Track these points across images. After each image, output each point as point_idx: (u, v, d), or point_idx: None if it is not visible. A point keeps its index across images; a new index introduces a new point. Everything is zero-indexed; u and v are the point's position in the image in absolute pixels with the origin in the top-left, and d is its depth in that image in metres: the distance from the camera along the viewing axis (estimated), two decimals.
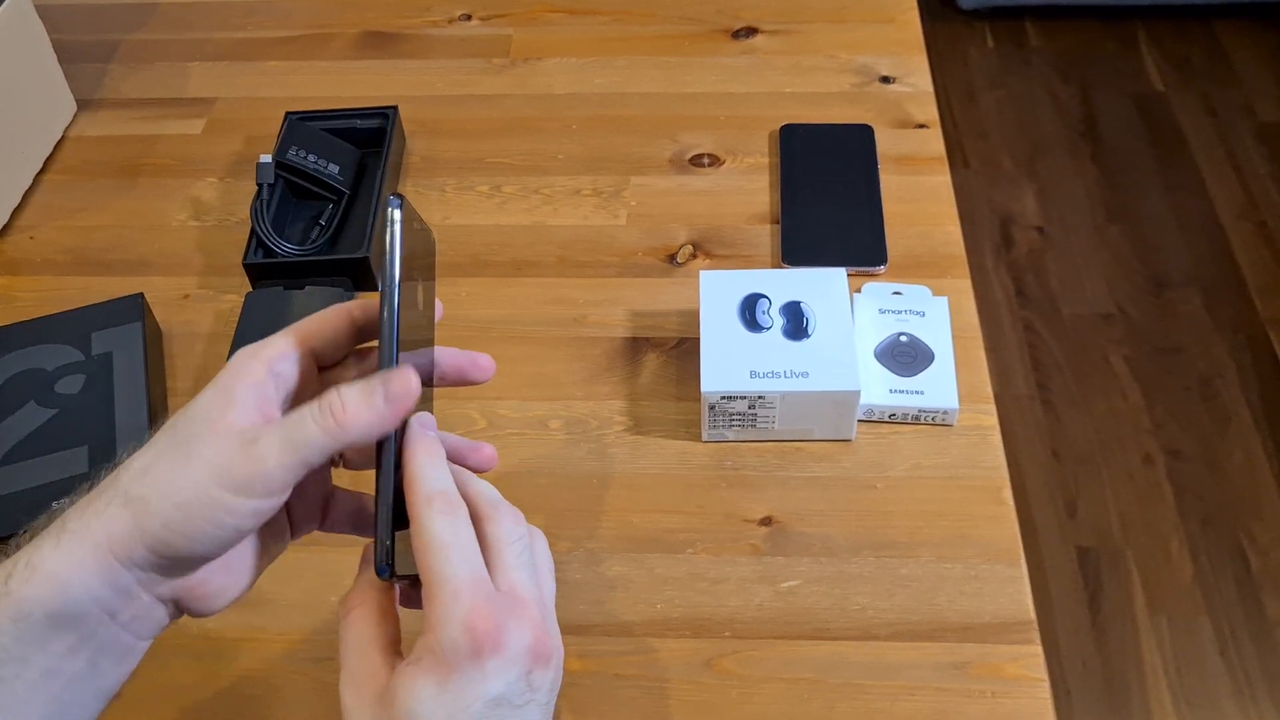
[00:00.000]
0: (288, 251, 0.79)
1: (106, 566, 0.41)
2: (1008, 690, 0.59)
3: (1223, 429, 1.70)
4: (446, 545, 0.41)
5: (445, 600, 0.40)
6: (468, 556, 0.42)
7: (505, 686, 0.40)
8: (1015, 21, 2.41)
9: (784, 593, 0.63)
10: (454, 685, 0.40)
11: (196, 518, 0.41)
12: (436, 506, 0.42)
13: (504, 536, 0.43)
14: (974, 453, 0.69)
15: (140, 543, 0.41)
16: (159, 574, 0.42)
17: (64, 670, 0.42)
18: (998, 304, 1.88)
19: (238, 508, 0.41)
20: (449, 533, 0.42)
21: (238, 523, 0.41)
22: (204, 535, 0.41)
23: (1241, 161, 2.09)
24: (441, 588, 0.41)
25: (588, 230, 0.84)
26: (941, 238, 0.81)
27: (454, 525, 0.42)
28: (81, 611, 0.41)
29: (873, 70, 0.95)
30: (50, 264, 0.84)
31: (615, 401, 0.73)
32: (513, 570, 0.43)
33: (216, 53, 1.01)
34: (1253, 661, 1.45)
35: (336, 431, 0.42)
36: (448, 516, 0.42)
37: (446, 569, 0.41)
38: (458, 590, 0.40)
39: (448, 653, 0.40)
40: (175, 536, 0.41)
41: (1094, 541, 1.59)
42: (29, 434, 0.68)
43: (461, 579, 0.41)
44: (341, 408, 0.42)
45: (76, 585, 0.41)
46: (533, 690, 0.41)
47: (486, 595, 0.41)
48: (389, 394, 0.42)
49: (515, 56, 0.99)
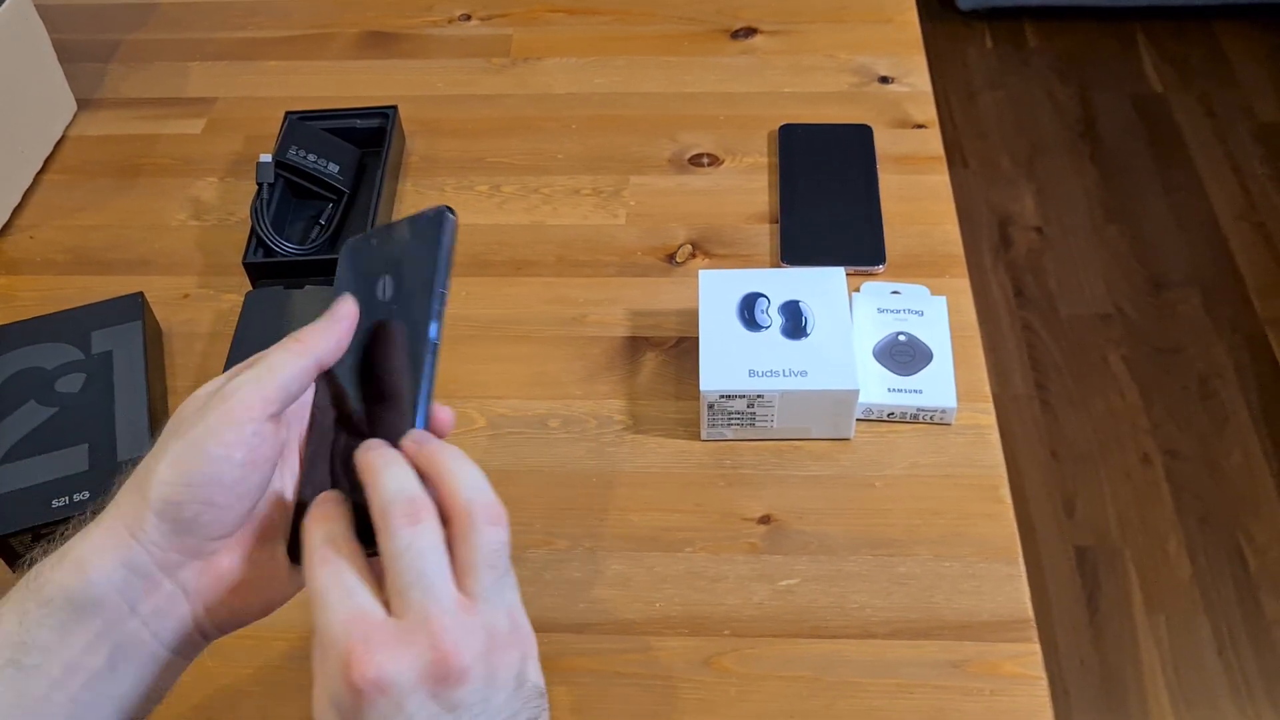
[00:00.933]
0: (288, 251, 0.79)
1: (121, 545, 0.42)
2: (1005, 688, 0.59)
3: (1221, 429, 1.71)
4: (322, 592, 0.40)
5: (324, 653, 0.39)
6: (342, 596, 0.40)
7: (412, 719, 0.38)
8: (1014, 22, 2.41)
9: (782, 591, 0.64)
10: None
11: (190, 457, 0.42)
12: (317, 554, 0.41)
13: (390, 551, 0.40)
14: (972, 451, 0.69)
15: (148, 509, 0.42)
16: (175, 549, 0.43)
17: (84, 666, 0.42)
18: (996, 304, 1.89)
19: (224, 433, 0.42)
20: (324, 578, 0.40)
21: (227, 451, 0.42)
22: (199, 474, 0.42)
23: (1240, 162, 2.09)
24: (319, 642, 0.40)
25: (587, 230, 0.84)
26: (940, 237, 0.82)
27: (333, 567, 0.41)
28: (100, 597, 0.42)
29: (872, 70, 0.95)
30: (50, 263, 0.84)
31: (614, 400, 0.73)
32: (403, 590, 0.40)
33: (216, 52, 1.01)
34: (1250, 661, 1.46)
35: (303, 351, 0.45)
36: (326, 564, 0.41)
37: (320, 618, 0.40)
38: (332, 640, 0.39)
39: (343, 708, 0.38)
40: (174, 488, 0.42)
41: (1092, 541, 1.59)
42: (29, 432, 0.68)
43: (335, 625, 0.39)
44: (306, 332, 0.46)
45: (95, 567, 0.42)
46: (453, 710, 0.39)
47: (364, 630, 0.39)
48: (335, 314, 0.47)
49: (515, 56, 0.99)
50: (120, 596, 0.42)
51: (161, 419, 0.72)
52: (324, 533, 0.42)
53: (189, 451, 0.42)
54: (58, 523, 0.63)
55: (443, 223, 0.46)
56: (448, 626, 0.39)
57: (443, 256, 0.46)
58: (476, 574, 0.40)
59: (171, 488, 0.42)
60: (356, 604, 0.40)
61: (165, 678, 0.45)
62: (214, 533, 0.43)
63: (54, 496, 0.64)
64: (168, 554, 0.43)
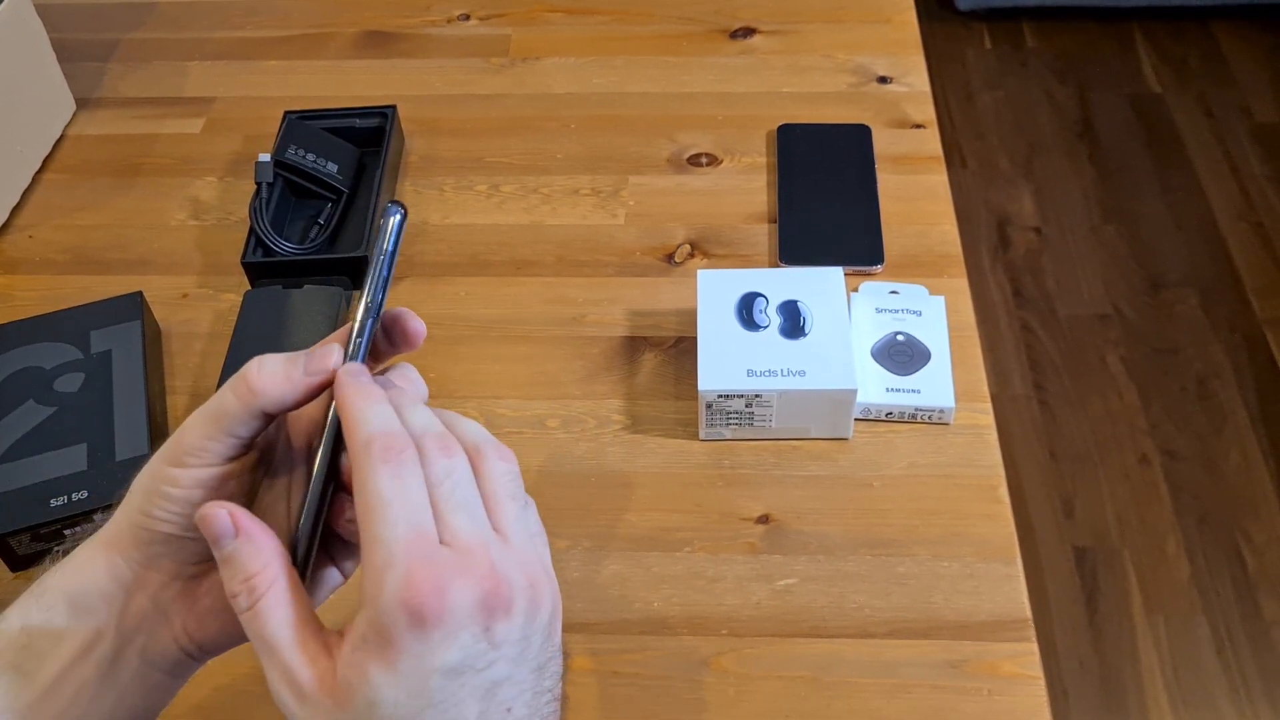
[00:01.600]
0: (287, 250, 0.79)
1: (108, 558, 0.43)
2: (1004, 688, 0.59)
3: (1219, 429, 1.71)
4: (386, 503, 0.37)
5: (379, 569, 0.37)
6: (408, 509, 0.38)
7: (460, 653, 0.37)
8: (1012, 22, 2.42)
9: (781, 591, 0.64)
10: (403, 665, 0.36)
11: (151, 493, 0.42)
12: (375, 453, 0.38)
13: (431, 477, 0.39)
14: (970, 451, 0.69)
15: (127, 530, 0.43)
16: (153, 568, 0.43)
17: (76, 676, 0.42)
18: (995, 304, 1.89)
19: (177, 478, 0.41)
20: (389, 486, 0.38)
21: (184, 493, 0.41)
22: (159, 509, 0.42)
23: (1238, 162, 2.09)
24: (376, 554, 0.37)
25: (586, 230, 0.84)
26: (938, 237, 0.82)
27: (396, 474, 0.38)
28: (92, 604, 0.43)
29: (870, 70, 0.95)
30: (49, 263, 0.84)
31: (613, 400, 0.73)
32: (448, 516, 0.38)
33: (215, 52, 1.01)
34: (1249, 661, 1.46)
35: (249, 397, 0.41)
36: (388, 463, 0.38)
37: (383, 531, 0.37)
38: (391, 556, 0.37)
39: (389, 628, 0.36)
40: (141, 516, 0.42)
41: (1091, 541, 1.59)
42: (28, 432, 0.68)
43: (397, 541, 0.37)
44: (257, 374, 0.41)
45: (87, 574, 0.43)
46: (496, 648, 0.38)
47: (424, 557, 0.37)
48: (308, 365, 0.41)
49: (514, 56, 0.99)
50: (109, 608, 0.43)
51: (160, 419, 0.72)
52: (378, 415, 0.40)
53: (151, 488, 0.42)
54: (56, 522, 0.64)
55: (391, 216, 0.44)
56: (495, 558, 0.38)
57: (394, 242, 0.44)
58: (502, 506, 0.40)
59: (140, 516, 0.42)
60: (420, 522, 0.38)
61: (154, 697, 0.44)
62: (189, 559, 0.43)
63: (52, 496, 0.64)
64: (148, 573, 0.43)
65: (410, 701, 0.37)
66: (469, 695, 0.37)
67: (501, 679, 0.38)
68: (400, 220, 0.43)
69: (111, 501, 0.64)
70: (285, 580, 0.39)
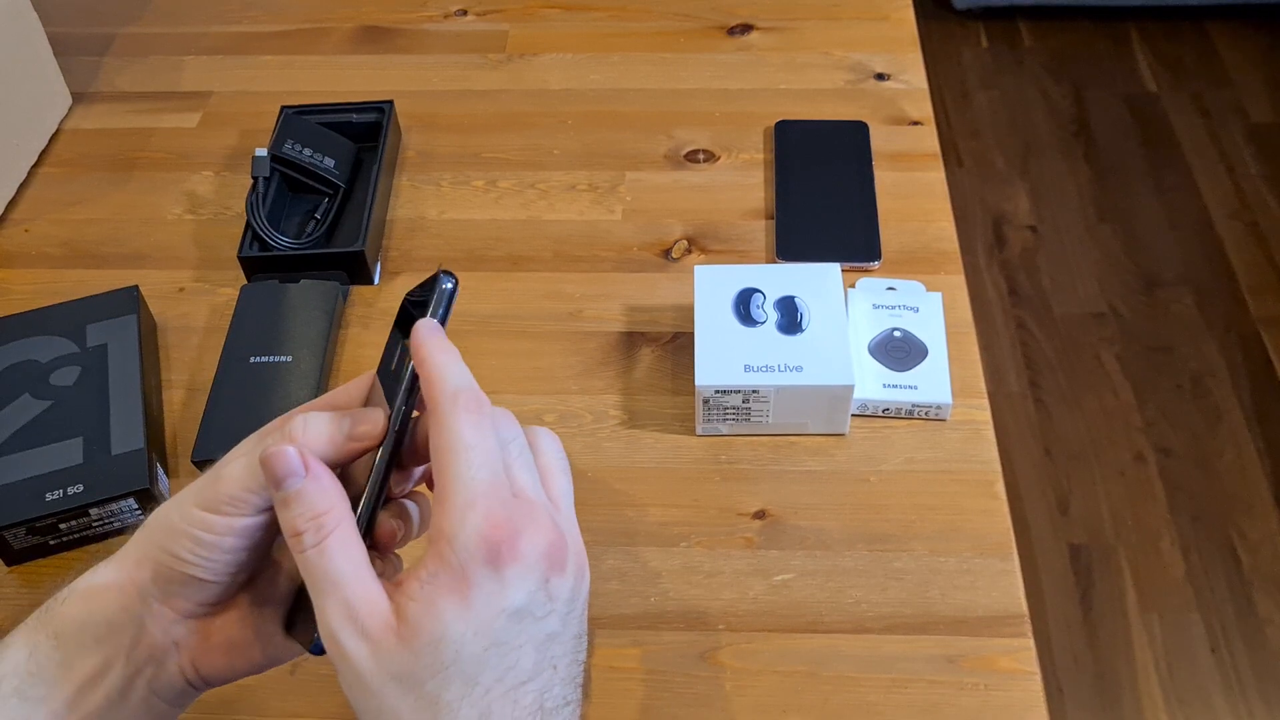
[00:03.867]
0: (283, 245, 0.79)
1: (122, 590, 0.43)
2: (1000, 683, 0.59)
3: (1214, 427, 1.71)
4: (470, 447, 0.39)
5: (460, 507, 0.38)
6: (489, 460, 0.39)
7: (526, 597, 0.38)
8: (1008, 21, 2.42)
9: (778, 586, 0.64)
10: (476, 600, 0.37)
11: (180, 535, 0.42)
12: (462, 403, 0.40)
13: (502, 435, 0.41)
14: (967, 447, 0.69)
15: (147, 564, 0.43)
16: (167, 604, 0.43)
17: (83, 705, 0.42)
18: (990, 303, 1.89)
19: (211, 524, 0.42)
20: (473, 433, 0.39)
21: (216, 539, 0.42)
22: (187, 552, 0.42)
23: (1233, 162, 2.10)
24: (457, 493, 0.38)
25: (583, 225, 0.84)
26: (935, 234, 0.82)
27: (479, 425, 0.40)
28: (102, 635, 0.42)
29: (867, 67, 0.95)
30: (45, 257, 0.84)
31: (610, 395, 0.73)
32: (517, 472, 0.40)
33: (212, 46, 1.01)
34: (1243, 658, 1.46)
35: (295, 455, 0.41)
36: (473, 415, 0.40)
37: (466, 472, 0.38)
38: (473, 496, 0.38)
39: (465, 564, 0.37)
40: (165, 555, 0.42)
41: (1086, 539, 1.59)
42: (23, 426, 0.68)
43: (479, 483, 0.38)
44: (303, 434, 0.41)
45: (99, 604, 0.43)
46: (552, 600, 0.39)
47: (501, 501, 0.39)
48: (353, 431, 0.42)
49: (511, 52, 0.99)
50: (118, 639, 0.43)
51: (156, 413, 0.72)
52: (461, 373, 0.41)
53: (180, 529, 0.42)
54: (51, 516, 0.64)
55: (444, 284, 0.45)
56: (555, 517, 0.40)
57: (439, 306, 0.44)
58: (555, 480, 0.43)
59: (164, 554, 0.42)
60: (498, 471, 0.39)
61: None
62: (205, 600, 0.43)
63: (48, 490, 0.64)
64: (163, 608, 0.43)
65: (476, 639, 0.38)
66: (528, 641, 0.39)
67: (554, 633, 0.40)
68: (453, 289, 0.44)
69: (106, 496, 0.64)
70: (350, 523, 0.40)
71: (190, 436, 0.70)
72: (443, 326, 0.43)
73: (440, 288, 0.44)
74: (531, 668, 0.39)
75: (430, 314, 0.43)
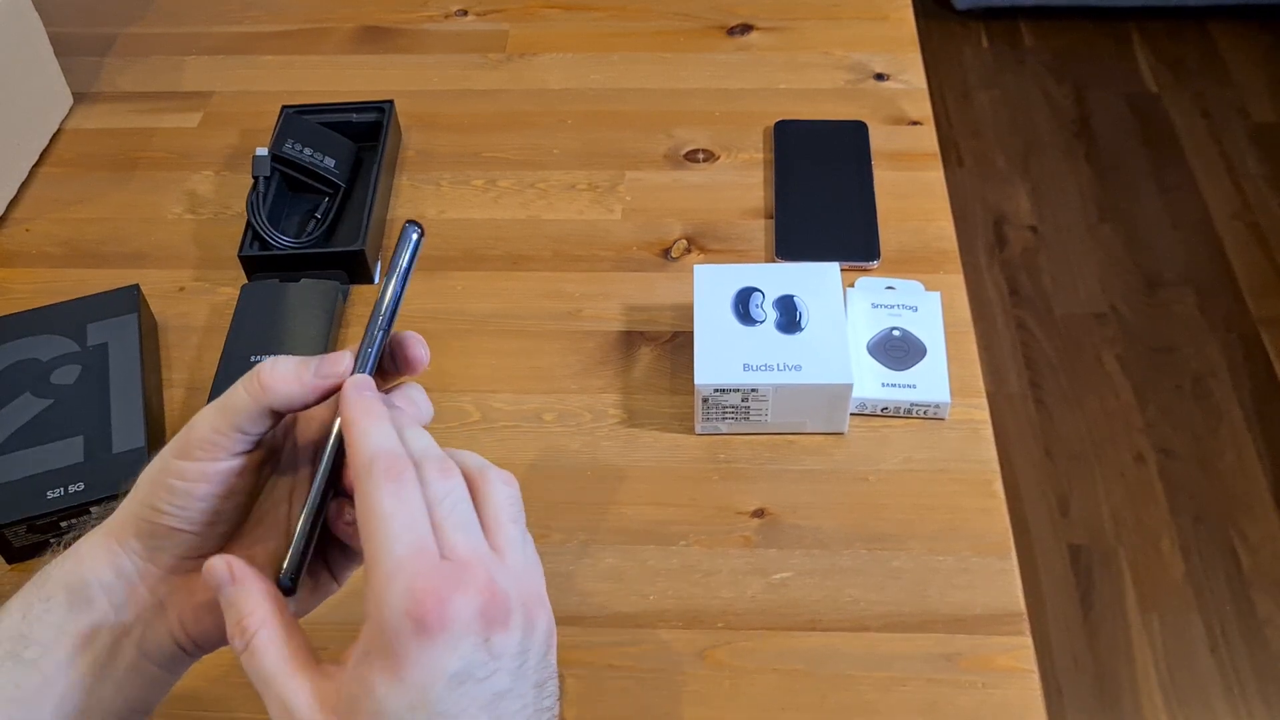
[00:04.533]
0: (283, 245, 0.79)
1: (110, 549, 0.44)
2: (998, 682, 0.59)
3: (1214, 428, 1.71)
4: (387, 516, 0.38)
5: (382, 580, 0.37)
6: (410, 526, 0.39)
7: (462, 661, 0.37)
8: (1009, 21, 2.42)
9: (776, 585, 0.64)
10: (409, 673, 0.37)
11: (157, 486, 0.43)
12: (379, 469, 0.39)
13: (430, 497, 0.40)
14: (965, 446, 0.69)
15: (130, 522, 0.44)
16: (152, 561, 0.44)
17: (75, 666, 0.43)
18: (991, 303, 1.89)
19: (183, 470, 0.43)
20: (391, 502, 0.39)
21: (188, 486, 0.43)
22: (164, 502, 0.43)
23: (1234, 162, 2.10)
24: (378, 566, 0.38)
25: (583, 224, 0.84)
26: (934, 233, 0.82)
27: (397, 493, 0.39)
28: (92, 595, 0.43)
29: (867, 67, 0.95)
30: (46, 256, 0.84)
31: (609, 395, 0.73)
32: (447, 533, 0.39)
33: (213, 46, 1.01)
34: (1243, 659, 1.46)
35: (259, 394, 0.42)
36: (391, 482, 0.39)
37: (385, 543, 0.38)
38: (394, 568, 0.38)
39: (392, 639, 0.37)
40: (145, 509, 0.43)
41: (1086, 539, 1.59)
42: (24, 424, 0.68)
43: (399, 554, 0.38)
44: (270, 373, 0.42)
45: (89, 565, 0.44)
46: (496, 658, 0.38)
47: (428, 567, 0.38)
48: (319, 369, 0.43)
49: (511, 51, 0.99)
50: (108, 598, 0.43)
51: (157, 412, 0.72)
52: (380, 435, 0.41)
53: (158, 480, 0.43)
54: (52, 514, 0.64)
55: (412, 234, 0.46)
56: (493, 571, 0.39)
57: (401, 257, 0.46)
58: (503, 529, 0.41)
59: (144, 508, 0.43)
60: (420, 536, 0.39)
61: (150, 690, 0.45)
62: (188, 553, 0.44)
63: (49, 488, 0.65)
64: (148, 565, 0.44)
65: (414, 712, 0.37)
66: (472, 704, 0.38)
67: (504, 690, 0.39)
68: (418, 239, 0.46)
69: (107, 495, 0.64)
70: (276, 618, 0.40)
71: None
72: (407, 277, 0.45)
73: (406, 238, 0.46)
74: None
75: (394, 266, 0.45)
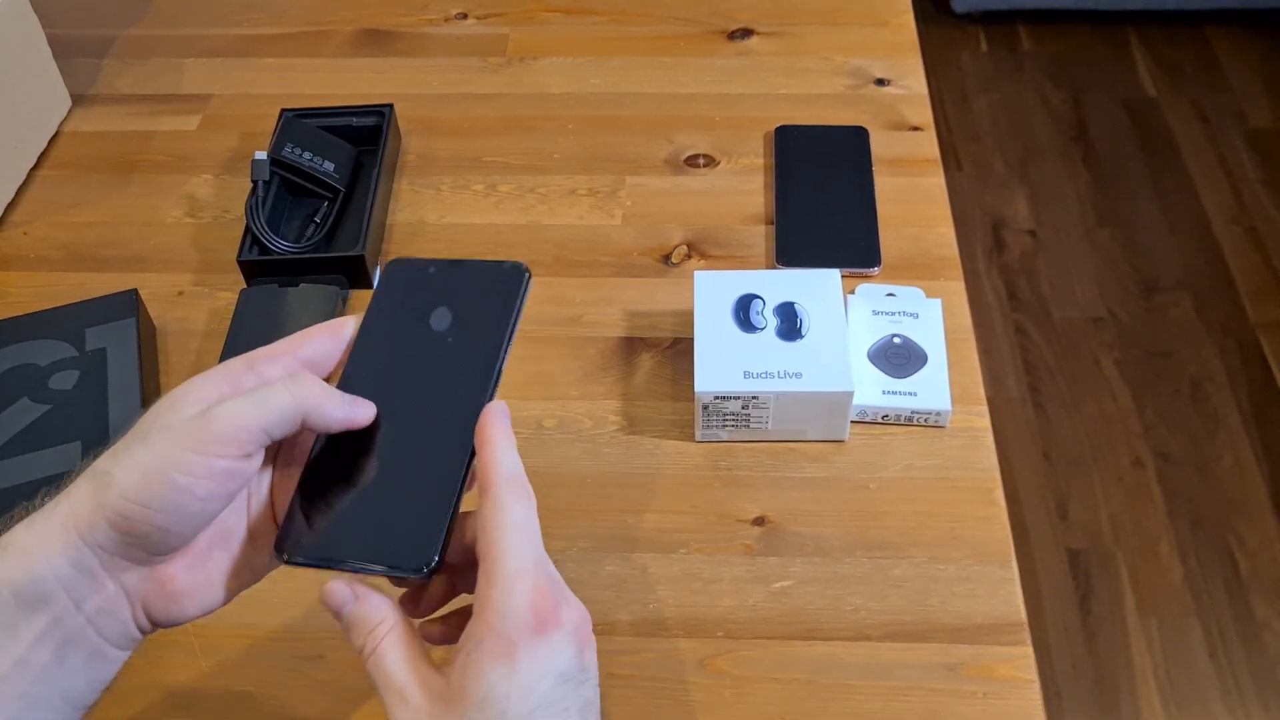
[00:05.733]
0: (283, 249, 0.79)
1: (70, 543, 0.42)
2: (999, 691, 0.59)
3: (1212, 432, 1.71)
4: (520, 526, 0.43)
5: (509, 579, 0.42)
6: (534, 539, 0.43)
7: (567, 664, 0.42)
8: (1008, 25, 2.42)
9: (777, 593, 0.64)
10: (523, 663, 0.41)
11: (152, 479, 0.41)
12: (517, 486, 0.44)
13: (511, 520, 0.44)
14: (966, 454, 0.69)
15: (102, 517, 0.41)
16: (122, 555, 0.42)
17: (33, 661, 0.42)
18: (989, 307, 1.89)
19: (192, 465, 0.41)
20: (522, 514, 0.43)
21: (191, 483, 0.41)
22: (159, 498, 0.41)
23: (1232, 166, 2.10)
24: (505, 567, 0.42)
25: (583, 230, 0.84)
26: (935, 240, 0.82)
27: (528, 509, 0.44)
28: (48, 592, 0.41)
29: (867, 73, 0.95)
30: (44, 260, 0.84)
31: (610, 401, 0.73)
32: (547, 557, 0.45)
33: (212, 49, 1.01)
34: (1241, 663, 1.46)
35: (306, 399, 0.44)
36: (523, 500, 0.44)
37: (515, 549, 0.42)
38: (521, 571, 0.42)
39: (511, 631, 0.41)
40: (132, 506, 0.41)
41: (1084, 543, 1.59)
42: (22, 430, 0.68)
43: (527, 561, 0.42)
44: (323, 398, 0.45)
45: (42, 561, 0.41)
46: (585, 670, 0.43)
47: (546, 578, 0.43)
48: (357, 402, 0.46)
49: (511, 56, 0.99)
50: (66, 593, 0.42)
51: None
52: (515, 460, 0.45)
53: (154, 473, 0.41)
54: None
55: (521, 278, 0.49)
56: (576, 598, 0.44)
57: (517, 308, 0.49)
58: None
59: (129, 504, 0.41)
60: (540, 550, 0.44)
61: (108, 670, 0.45)
62: (163, 549, 0.43)
63: (47, 495, 0.64)
64: (114, 558, 0.43)
65: (522, 699, 0.40)
66: (574, 705, 0.42)
67: (592, 699, 0.43)
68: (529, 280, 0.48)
69: None
70: (399, 625, 0.44)
71: None
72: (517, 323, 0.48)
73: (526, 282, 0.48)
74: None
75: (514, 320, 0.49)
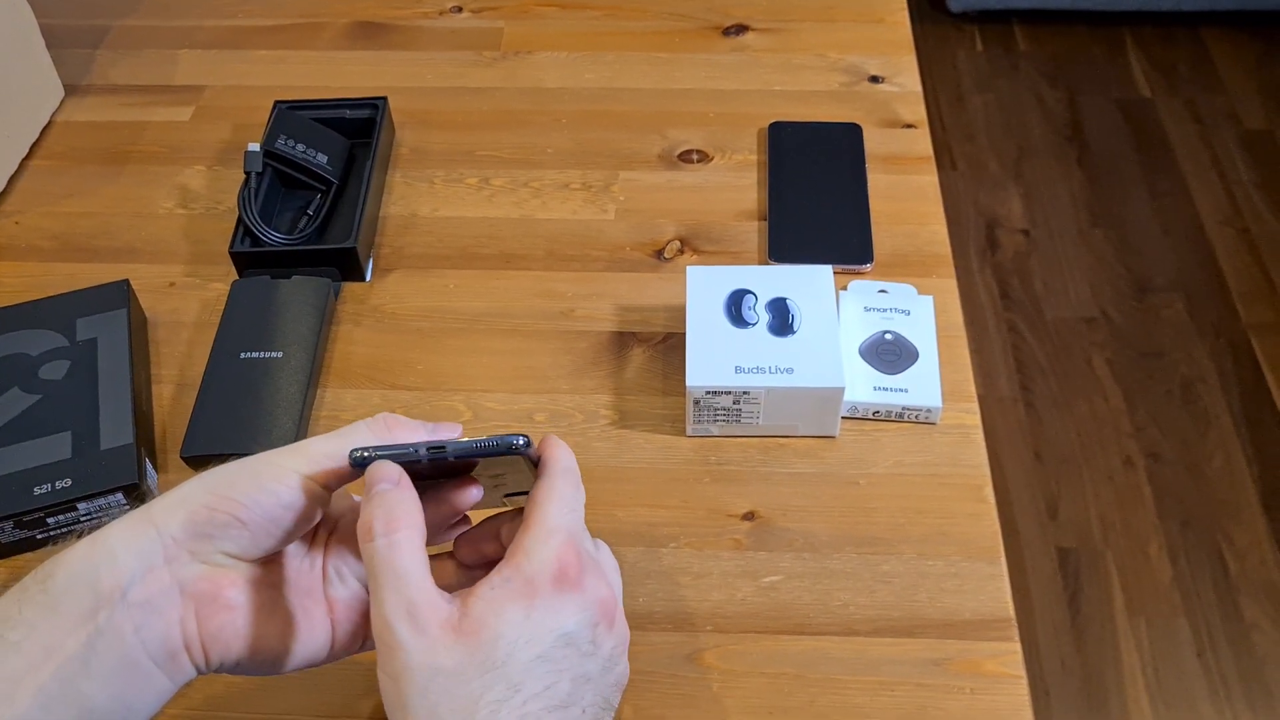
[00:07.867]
0: (275, 241, 0.79)
1: (138, 531, 0.43)
2: (986, 687, 0.60)
3: (1203, 433, 1.72)
4: (565, 497, 0.45)
5: (545, 531, 0.44)
6: (577, 516, 0.46)
7: (576, 626, 0.43)
8: (1004, 25, 2.42)
9: (766, 588, 0.64)
10: (537, 612, 0.42)
11: (243, 476, 0.44)
12: (570, 478, 0.47)
13: (559, 502, 0.46)
14: (956, 451, 0.69)
15: (183, 508, 0.44)
16: (189, 549, 0.43)
17: (60, 650, 0.41)
18: (982, 306, 1.89)
19: (282, 472, 0.44)
20: (571, 495, 0.46)
21: (289, 494, 0.44)
22: (239, 492, 0.43)
23: (1226, 168, 2.10)
24: (543, 522, 0.44)
25: (576, 224, 0.84)
26: (927, 237, 0.82)
27: (576, 493, 0.46)
28: (95, 575, 0.42)
29: (862, 70, 0.95)
30: (35, 250, 0.84)
31: (601, 395, 0.73)
32: (589, 546, 0.47)
33: (206, 40, 1.01)
34: (1229, 663, 1.47)
35: (384, 433, 0.46)
36: (574, 486, 0.46)
37: (556, 511, 0.45)
38: (555, 528, 0.44)
39: (535, 576, 0.42)
40: (215, 498, 0.43)
41: (1074, 543, 1.60)
42: (12, 419, 0.68)
43: (565, 521, 0.44)
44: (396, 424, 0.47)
45: (99, 546, 0.43)
46: (595, 645, 0.44)
47: (578, 545, 0.45)
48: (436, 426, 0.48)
49: (506, 49, 0.99)
50: (115, 578, 0.42)
51: (145, 407, 0.72)
52: (573, 463, 0.47)
53: (243, 469, 0.44)
54: (40, 510, 0.63)
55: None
56: (616, 592, 0.47)
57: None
58: (613, 573, 0.48)
59: (210, 493, 0.44)
60: (579, 523, 0.46)
61: (132, 688, 0.43)
62: (232, 549, 0.44)
63: (36, 484, 0.64)
64: (180, 549, 0.43)
65: (529, 646, 0.42)
66: (568, 670, 0.43)
67: (591, 675, 0.44)
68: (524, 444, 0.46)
69: (95, 490, 0.64)
70: (421, 535, 0.43)
71: (179, 432, 0.70)
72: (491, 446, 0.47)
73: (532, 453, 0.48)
74: (565, 696, 0.42)
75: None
